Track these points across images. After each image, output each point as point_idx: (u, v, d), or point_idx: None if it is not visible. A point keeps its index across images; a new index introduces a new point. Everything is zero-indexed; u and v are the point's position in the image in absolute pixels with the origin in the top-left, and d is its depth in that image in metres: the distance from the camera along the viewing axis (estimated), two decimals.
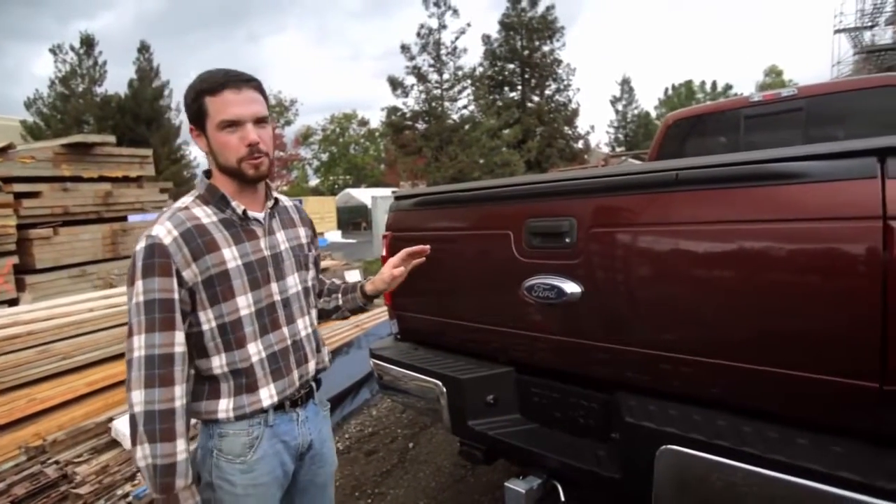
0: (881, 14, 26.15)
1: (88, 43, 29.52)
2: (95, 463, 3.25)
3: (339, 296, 1.65)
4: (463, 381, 1.84)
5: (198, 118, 1.27)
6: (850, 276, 1.14)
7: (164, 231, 1.20)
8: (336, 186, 47.91)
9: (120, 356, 4.28)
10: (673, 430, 1.33)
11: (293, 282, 1.41)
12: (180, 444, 1.16)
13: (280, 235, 1.40)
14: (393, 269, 1.56)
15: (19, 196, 6.44)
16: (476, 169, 13.52)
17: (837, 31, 27.47)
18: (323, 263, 8.88)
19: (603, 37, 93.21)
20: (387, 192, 19.80)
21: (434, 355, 2.09)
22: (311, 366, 1.44)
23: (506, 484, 1.64)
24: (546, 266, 1.66)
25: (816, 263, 1.18)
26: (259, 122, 1.27)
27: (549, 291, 1.63)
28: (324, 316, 1.67)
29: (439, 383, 1.91)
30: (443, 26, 14.07)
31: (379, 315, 5.32)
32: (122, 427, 3.44)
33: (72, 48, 28.94)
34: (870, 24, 26.58)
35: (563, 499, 1.63)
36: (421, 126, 14.39)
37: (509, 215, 1.78)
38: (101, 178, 7.52)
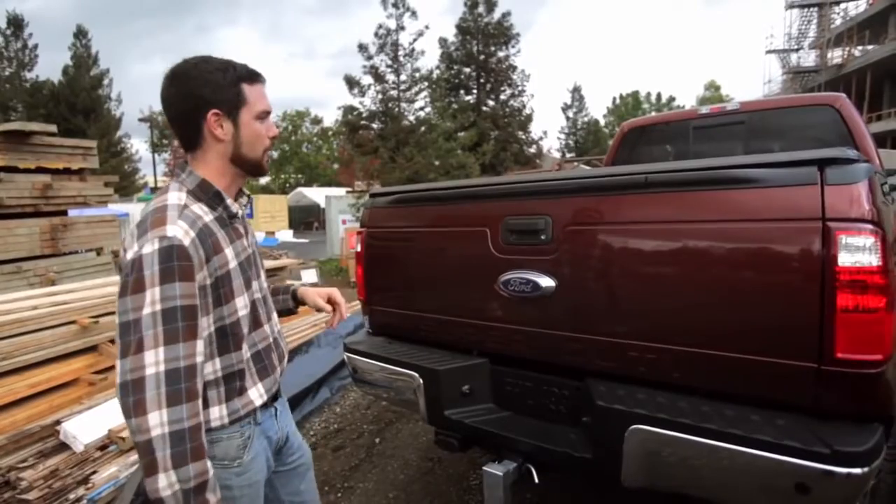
0: (805, 38, 28.42)
1: (17, 24, 27.63)
2: (42, 467, 3.10)
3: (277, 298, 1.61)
4: (439, 373, 1.92)
5: (234, 104, 1.22)
6: (794, 270, 1.30)
7: (182, 231, 1.11)
8: (287, 185, 46.83)
9: (66, 356, 4.09)
10: (641, 411, 1.46)
11: (263, 279, 1.41)
12: (205, 462, 1.09)
13: (250, 233, 1.38)
14: (324, 295, 1.59)
15: None
16: (432, 170, 13.62)
17: (768, 52, 29.59)
18: (279, 262, 8.71)
19: (556, 45, 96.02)
20: (341, 191, 19.56)
21: (409, 348, 2.16)
22: (284, 362, 1.45)
23: (484, 468, 1.73)
24: (522, 262, 1.77)
25: (765, 259, 1.34)
26: None
27: (525, 286, 1.73)
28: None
29: (416, 375, 1.98)
30: (401, 27, 14.07)
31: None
32: (72, 429, 3.29)
33: None
34: (796, 46, 28.79)
35: (536, 481, 1.73)
36: (377, 126, 14.35)
37: (487, 213, 1.87)
38: (40, 170, 7.09)
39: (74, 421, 3.38)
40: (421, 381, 1.97)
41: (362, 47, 14.19)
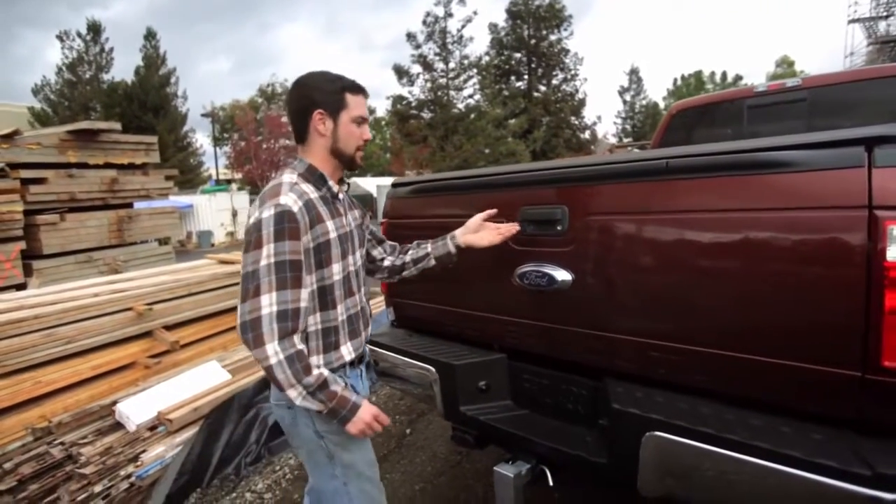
0: None
1: (95, 30, 29.59)
2: (100, 444, 3.31)
3: (429, 245, 1.81)
4: (455, 367, 1.86)
5: (336, 107, 1.48)
6: (835, 265, 1.14)
7: (291, 200, 1.37)
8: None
9: (124, 341, 4.34)
10: (658, 417, 1.34)
11: (359, 256, 1.62)
12: (316, 369, 1.35)
13: (350, 215, 1.60)
14: (474, 226, 1.75)
15: (26, 182, 6.50)
16: (481, 158, 13.47)
17: (851, 21, 26.99)
18: None
19: (613, 27, 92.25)
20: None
21: (429, 342, 2.12)
22: (369, 329, 1.66)
23: (495, 468, 1.67)
24: (539, 254, 1.68)
25: (802, 253, 1.19)
26: None
27: (541, 279, 1.64)
28: (406, 269, 1.83)
29: (432, 369, 1.94)
30: (449, 14, 13.97)
31: (378, 304, 5.35)
32: (126, 409, 3.49)
33: (78, 35, 29.05)
34: (885, 13, 26.07)
35: (551, 483, 1.65)
36: (426, 115, 14.33)
37: (504, 203, 1.79)
38: (107, 165, 7.57)
39: (128, 402, 3.59)
40: (437, 375, 1.93)
41: (410, 36, 14.20)
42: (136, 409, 3.52)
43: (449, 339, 2.09)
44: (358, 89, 1.52)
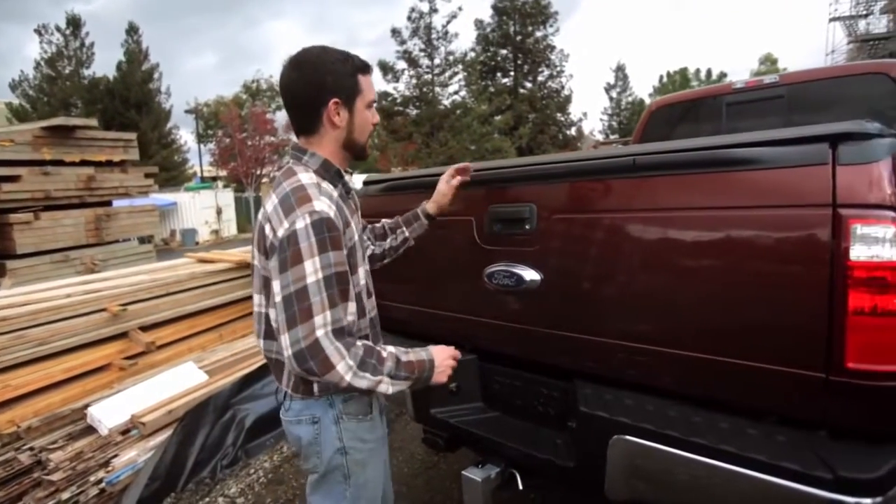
0: (876, 2, 26.01)
1: (75, 24, 28.98)
2: (70, 449, 3.23)
3: (405, 229, 1.71)
4: None
5: (351, 93, 1.30)
6: (799, 264, 1.12)
7: (326, 205, 1.20)
8: None
9: (98, 342, 4.24)
10: (625, 420, 1.32)
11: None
12: (384, 352, 1.26)
13: (359, 210, 1.50)
14: (448, 182, 1.65)
15: None
16: (467, 155, 13.44)
17: (832, 20, 27.33)
18: None
19: (600, 24, 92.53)
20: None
21: (399, 342, 2.07)
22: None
23: (463, 473, 1.64)
24: (507, 253, 1.64)
25: (766, 252, 1.17)
26: None
27: (509, 279, 1.61)
28: (387, 256, 1.74)
29: None
30: (434, 10, 13.91)
31: None
32: (98, 413, 3.42)
33: (57, 28, 28.44)
34: (864, 12, 26.45)
35: (521, 487, 1.62)
36: (412, 111, 14.27)
37: (473, 201, 1.75)
38: (84, 163, 7.41)
39: (101, 405, 3.51)
40: None
41: (395, 32, 14.14)
42: (108, 413, 3.44)
43: (420, 340, 2.05)
44: (368, 68, 1.35)
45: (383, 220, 1.75)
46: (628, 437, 1.30)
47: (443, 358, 1.38)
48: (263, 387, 3.71)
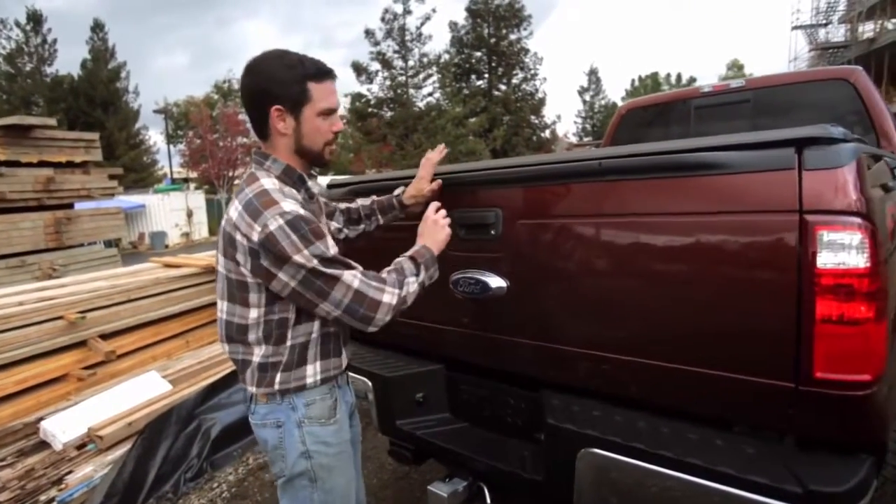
0: (834, 12, 27.03)
1: (36, 19, 27.97)
2: (20, 467, 3.06)
3: (380, 217, 1.74)
4: (389, 379, 1.76)
5: (297, 101, 1.28)
6: (766, 272, 1.09)
7: (296, 205, 1.22)
8: None
9: (55, 352, 4.03)
10: (593, 433, 1.28)
11: None
12: (408, 262, 1.37)
13: (324, 213, 1.53)
14: (424, 173, 1.67)
15: None
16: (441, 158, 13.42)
17: (794, 28, 28.27)
18: None
19: (573, 28, 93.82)
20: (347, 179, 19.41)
21: (365, 351, 2.00)
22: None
23: (429, 488, 1.58)
24: (472, 259, 1.59)
25: (733, 259, 1.14)
26: None
27: (475, 286, 1.56)
28: (360, 240, 1.76)
29: (367, 381, 1.83)
30: (408, 11, 13.83)
31: None
32: (51, 427, 3.24)
33: (17, 24, 27.42)
34: (824, 21, 27.44)
35: (488, 501, 1.57)
36: (386, 113, 14.14)
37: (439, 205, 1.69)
38: (42, 164, 7.10)
39: (55, 419, 3.33)
40: (372, 387, 1.82)
41: (369, 33, 14.00)
42: (63, 427, 3.27)
43: (387, 349, 1.98)
44: (323, 75, 1.30)
45: (358, 202, 1.73)
46: (596, 450, 1.26)
47: (439, 233, 1.45)
48: (231, 395, 3.58)
